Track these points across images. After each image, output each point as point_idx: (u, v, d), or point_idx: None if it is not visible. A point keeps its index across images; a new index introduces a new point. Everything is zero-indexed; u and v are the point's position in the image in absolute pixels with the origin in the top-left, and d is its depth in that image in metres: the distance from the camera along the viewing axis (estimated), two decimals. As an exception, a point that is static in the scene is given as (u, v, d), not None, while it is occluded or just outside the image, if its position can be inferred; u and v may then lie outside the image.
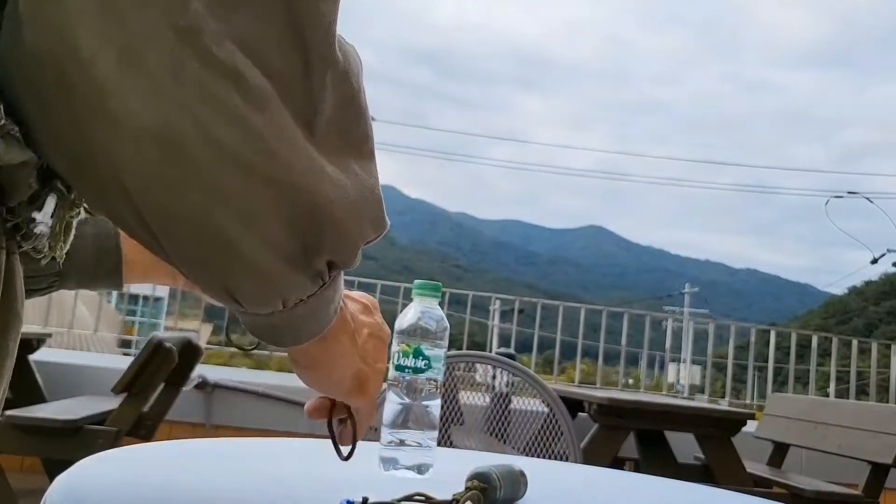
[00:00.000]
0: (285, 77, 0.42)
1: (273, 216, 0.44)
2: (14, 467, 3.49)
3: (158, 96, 0.39)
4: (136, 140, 0.39)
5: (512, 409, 2.55)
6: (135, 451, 0.94)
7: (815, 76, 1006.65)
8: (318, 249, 0.47)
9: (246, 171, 0.41)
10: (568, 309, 6.61)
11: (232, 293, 0.47)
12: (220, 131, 0.40)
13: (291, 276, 0.47)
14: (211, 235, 0.43)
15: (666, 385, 10.73)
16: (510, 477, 0.81)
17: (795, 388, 6.85)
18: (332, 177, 0.46)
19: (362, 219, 0.49)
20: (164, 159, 0.40)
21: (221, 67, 0.39)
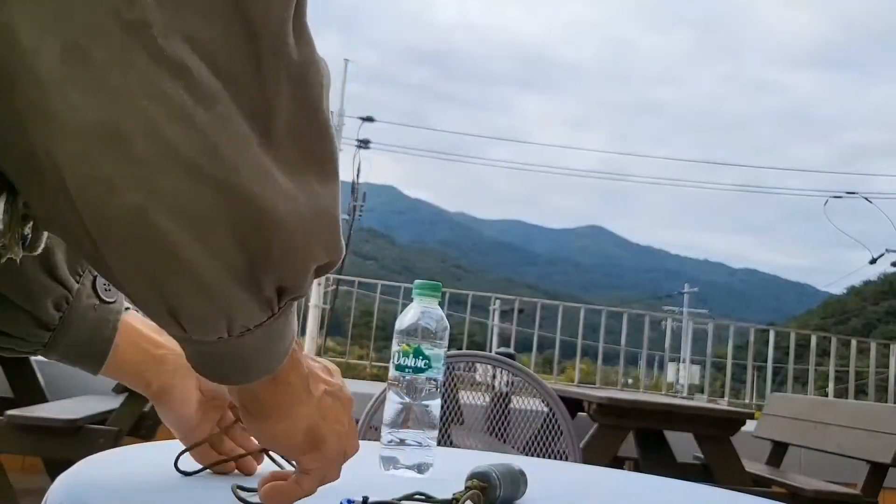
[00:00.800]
0: (236, 75, 0.40)
1: (216, 221, 0.41)
2: (15, 467, 3.49)
3: (103, 91, 0.37)
4: (77, 136, 0.37)
5: (512, 408, 2.56)
6: (135, 451, 0.94)
7: (815, 76, 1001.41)
8: (266, 266, 0.44)
9: (188, 170, 0.39)
10: (567, 309, 6.62)
11: (175, 313, 0.44)
12: (165, 128, 0.38)
13: (237, 294, 0.44)
14: (150, 239, 0.40)
15: (665, 385, 10.74)
16: (510, 476, 0.81)
17: (794, 387, 6.85)
18: (283, 188, 0.43)
19: (314, 238, 0.46)
20: (104, 156, 0.38)
21: (169, 63, 0.37)
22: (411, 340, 0.96)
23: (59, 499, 0.69)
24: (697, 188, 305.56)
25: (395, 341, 0.98)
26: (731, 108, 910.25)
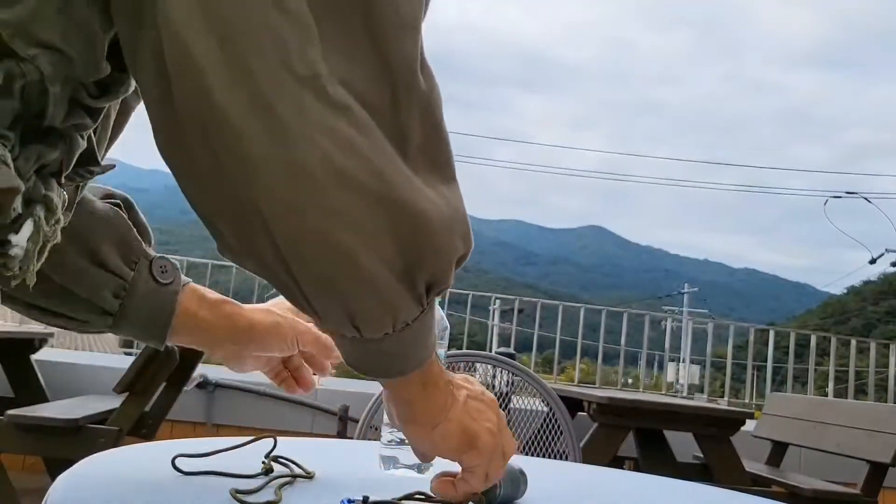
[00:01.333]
0: (379, 106, 0.48)
1: (384, 232, 0.49)
2: (16, 466, 3.50)
3: (287, 134, 0.45)
4: (270, 174, 0.45)
5: (512, 408, 2.56)
6: (136, 451, 0.94)
7: (815, 76, 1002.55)
8: (421, 266, 0.51)
9: (359, 190, 0.47)
10: (567, 309, 6.62)
11: (353, 316, 0.52)
12: (339, 158, 0.46)
13: (401, 293, 0.51)
14: (334, 253, 0.48)
15: (665, 384, 10.74)
16: (510, 476, 0.81)
17: (794, 387, 6.85)
18: (428, 196, 0.51)
19: (454, 234, 0.53)
20: (295, 188, 0.46)
21: (334, 104, 0.46)
22: None
23: (60, 498, 0.69)
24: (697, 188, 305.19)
25: None
26: (732, 108, 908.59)
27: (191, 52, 0.44)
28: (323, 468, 0.88)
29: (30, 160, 0.50)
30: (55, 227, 0.54)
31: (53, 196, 0.53)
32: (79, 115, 0.52)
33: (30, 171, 0.50)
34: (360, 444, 1.17)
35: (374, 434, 1.87)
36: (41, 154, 0.51)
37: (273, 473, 0.83)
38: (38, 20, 0.47)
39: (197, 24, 0.44)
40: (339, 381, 5.17)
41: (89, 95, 0.52)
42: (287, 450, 0.88)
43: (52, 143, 0.52)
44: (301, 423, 4.10)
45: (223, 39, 0.44)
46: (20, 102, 0.48)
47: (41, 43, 0.47)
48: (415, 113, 0.50)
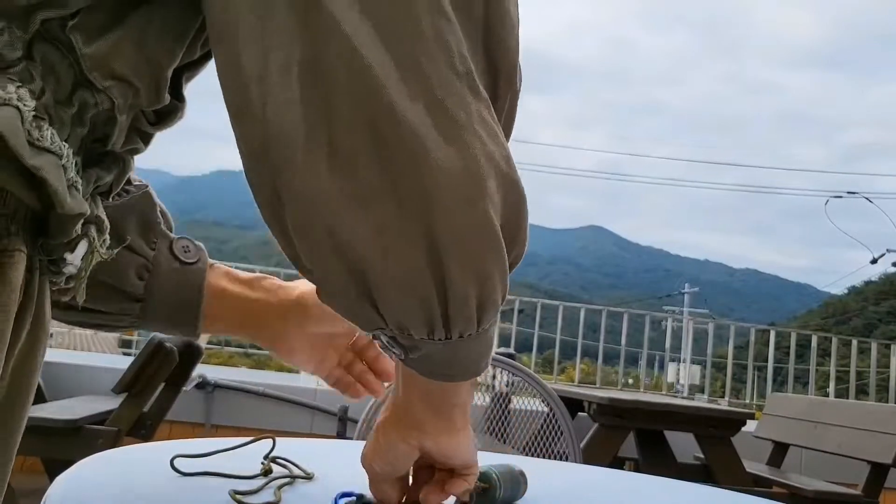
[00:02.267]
0: (491, 97, 0.51)
1: (513, 212, 0.51)
2: (14, 467, 3.47)
3: (457, 128, 0.47)
4: (449, 171, 0.46)
5: (512, 408, 2.56)
6: (135, 451, 0.94)
7: (816, 76, 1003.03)
8: (516, 243, 0.53)
9: (502, 176, 0.49)
10: (568, 309, 6.62)
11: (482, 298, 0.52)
12: (490, 146, 0.48)
13: (503, 277, 0.53)
14: (491, 240, 0.50)
15: (666, 385, 10.74)
16: (510, 476, 0.80)
17: (795, 387, 6.85)
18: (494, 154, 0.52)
19: (526, 211, 0.55)
20: (465, 180, 0.47)
21: (482, 97, 0.48)
22: None
23: (59, 499, 0.69)
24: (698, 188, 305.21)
25: None
26: (732, 108, 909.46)
27: (360, 54, 0.45)
28: (322, 469, 0.88)
29: (90, 182, 0.51)
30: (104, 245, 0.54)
31: (103, 216, 0.54)
32: (135, 140, 0.55)
33: (88, 193, 0.52)
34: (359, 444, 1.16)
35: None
36: (99, 177, 0.52)
37: (272, 474, 0.82)
38: (115, 55, 0.49)
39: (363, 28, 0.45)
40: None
41: (148, 122, 0.55)
42: (286, 450, 0.88)
43: (109, 167, 0.54)
44: (300, 423, 4.10)
45: (392, 44, 0.45)
46: (89, 129, 0.50)
47: (116, 76, 0.49)
48: (507, 101, 0.53)
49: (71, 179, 0.47)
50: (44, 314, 0.50)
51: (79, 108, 0.49)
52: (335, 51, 0.45)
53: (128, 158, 0.56)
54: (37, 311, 0.49)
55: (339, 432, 4.08)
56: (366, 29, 0.45)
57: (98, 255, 0.53)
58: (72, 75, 0.48)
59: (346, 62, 0.44)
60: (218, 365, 5.90)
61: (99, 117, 0.51)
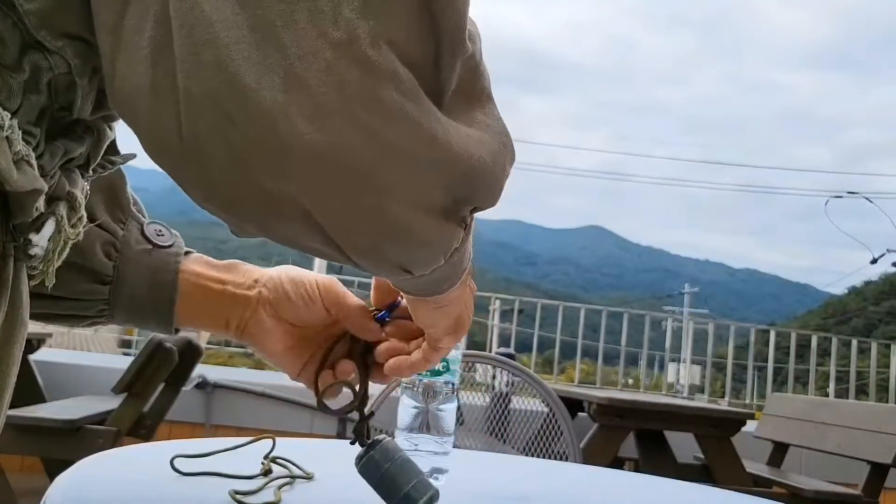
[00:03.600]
0: (422, 65, 0.42)
1: (438, 191, 0.46)
2: (14, 467, 3.49)
3: (328, 113, 0.39)
4: (309, 160, 0.40)
5: (512, 408, 2.55)
6: (135, 451, 0.94)
7: (817, 77, 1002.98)
8: (470, 201, 0.49)
9: (413, 161, 0.43)
10: (568, 309, 6.62)
11: (405, 267, 0.50)
12: (387, 133, 0.41)
13: (451, 231, 0.49)
14: (388, 227, 0.45)
15: (666, 385, 10.74)
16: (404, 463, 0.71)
17: (795, 387, 6.85)
18: (475, 139, 0.47)
19: (504, 163, 0.51)
20: (337, 174, 0.41)
21: (380, 70, 0.40)
22: None
23: (58, 499, 0.69)
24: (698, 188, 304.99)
25: None
26: (733, 108, 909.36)
27: (209, 18, 0.38)
28: (322, 469, 0.88)
29: (56, 156, 0.47)
30: (78, 224, 0.51)
31: (77, 193, 0.51)
32: (107, 105, 0.50)
33: (55, 166, 0.48)
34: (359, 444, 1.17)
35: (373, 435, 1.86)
36: (68, 148, 0.48)
37: (272, 474, 0.82)
38: (63, 9, 0.44)
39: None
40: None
41: None
42: (286, 450, 0.88)
43: (79, 137, 0.49)
44: (300, 423, 4.10)
45: (242, 4, 0.38)
46: (47, 96, 0.46)
47: (67, 34, 0.45)
48: (457, 67, 0.45)
49: (19, 153, 0.43)
50: (20, 302, 0.47)
51: (31, 74, 0.44)
52: (179, 6, 0.39)
53: (102, 127, 0.51)
54: (12, 299, 0.46)
55: (339, 432, 4.07)
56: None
57: (66, 235, 0.50)
58: (18, 36, 0.43)
59: (189, 20, 0.38)
60: (218, 365, 5.89)
61: (58, 82, 0.46)
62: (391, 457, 0.70)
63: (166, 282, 0.69)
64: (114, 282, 0.68)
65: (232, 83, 0.38)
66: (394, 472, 0.69)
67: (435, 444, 0.92)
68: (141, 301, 0.69)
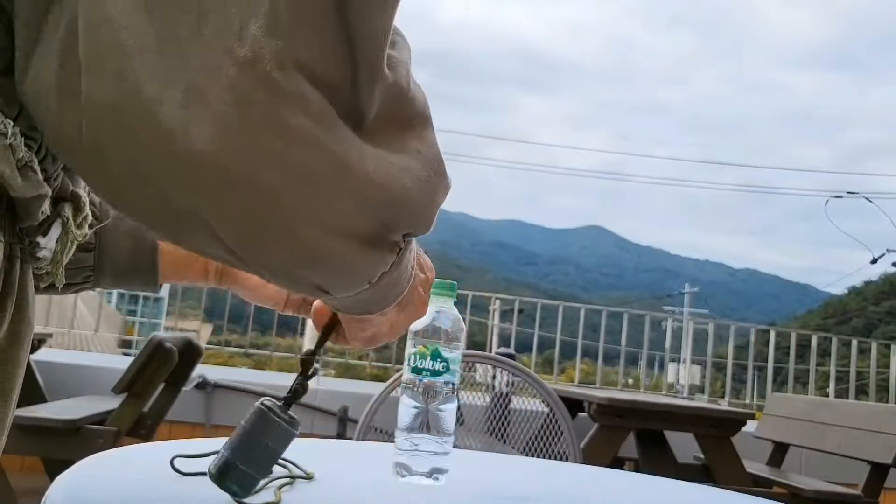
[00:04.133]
0: (337, 86, 0.41)
1: (357, 217, 0.44)
2: (14, 467, 3.49)
3: (228, 133, 0.38)
4: (209, 179, 0.39)
5: (512, 408, 2.55)
6: (135, 451, 0.94)
7: (817, 77, 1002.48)
8: (397, 229, 0.48)
9: (324, 187, 0.41)
10: (568, 309, 6.62)
11: (323, 289, 0.48)
12: (294, 157, 0.39)
13: (374, 258, 0.48)
14: (301, 252, 0.43)
15: (666, 385, 10.74)
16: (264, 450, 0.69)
17: (795, 388, 6.85)
18: (400, 165, 0.46)
19: (435, 192, 0.49)
20: (241, 195, 0.39)
21: (285, 93, 0.38)
22: (428, 342, 0.92)
23: (59, 499, 0.69)
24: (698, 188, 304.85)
25: (409, 343, 0.94)
26: (733, 108, 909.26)
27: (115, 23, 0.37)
28: (322, 469, 0.88)
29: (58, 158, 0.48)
30: (83, 224, 0.52)
31: (81, 192, 0.51)
32: None
33: (58, 168, 0.48)
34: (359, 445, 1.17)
35: (373, 435, 1.87)
36: None
37: (272, 474, 0.82)
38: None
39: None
40: (339, 382, 5.17)
41: None
42: (286, 450, 0.88)
43: None
44: (300, 423, 4.10)
45: (157, 7, 0.37)
46: None
47: None
48: (376, 95, 0.43)
49: (22, 159, 0.43)
50: (27, 304, 0.48)
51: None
52: (86, 8, 0.38)
53: None
54: (18, 300, 0.46)
55: (339, 432, 4.08)
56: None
57: (73, 236, 0.50)
58: (10, 41, 0.42)
59: (96, 23, 0.37)
60: (218, 365, 5.89)
61: None
62: (277, 442, 0.69)
63: (146, 241, 0.72)
64: (97, 248, 0.70)
65: (133, 94, 0.37)
66: (260, 450, 0.68)
67: (435, 444, 0.92)
68: (125, 263, 0.71)
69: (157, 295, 0.81)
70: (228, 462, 0.67)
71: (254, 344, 6.40)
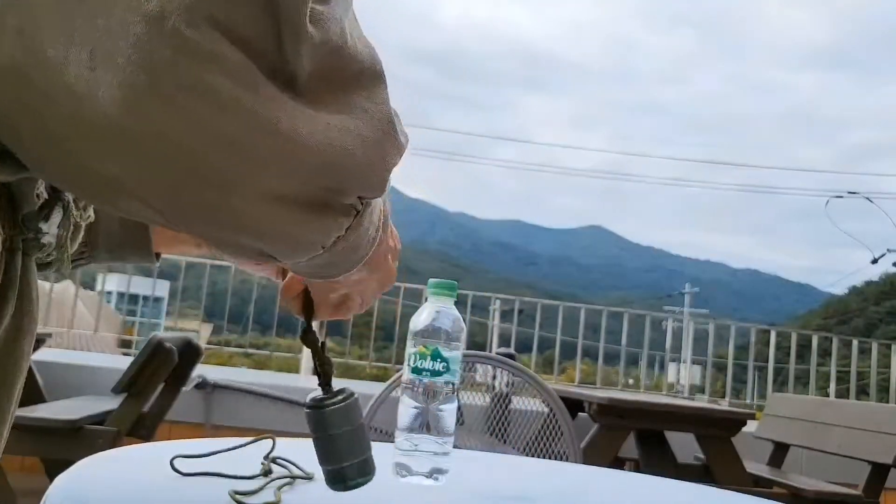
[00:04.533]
0: (258, 42, 0.38)
1: (291, 184, 0.41)
2: (14, 467, 3.49)
3: (138, 96, 0.35)
4: (123, 145, 0.36)
5: (512, 409, 2.55)
6: (134, 452, 0.94)
7: (818, 77, 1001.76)
8: (345, 192, 0.45)
9: (252, 153, 0.39)
10: (568, 309, 6.62)
11: (268, 254, 0.46)
12: (212, 120, 0.37)
13: (323, 223, 0.45)
14: (233, 219, 0.41)
15: (666, 385, 10.74)
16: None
17: (795, 388, 6.85)
18: (341, 126, 0.43)
19: (384, 152, 0.46)
20: (159, 161, 0.37)
21: (198, 51, 0.35)
22: (428, 342, 0.92)
23: (58, 499, 0.69)
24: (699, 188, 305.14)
25: (409, 343, 0.94)
26: (734, 108, 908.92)
27: None
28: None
29: None
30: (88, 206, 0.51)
31: None
32: None
33: None
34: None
35: (373, 435, 1.87)
36: None
37: (272, 474, 0.82)
38: None
39: None
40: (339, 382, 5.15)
41: None
42: (286, 451, 0.88)
43: None
44: (300, 423, 4.08)
45: None
46: None
47: None
48: (304, 48, 0.40)
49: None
50: (30, 297, 0.47)
51: None
52: None
53: None
54: (21, 294, 0.45)
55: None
56: None
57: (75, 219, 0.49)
58: None
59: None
60: (218, 365, 5.89)
61: None
62: (350, 419, 0.65)
63: None
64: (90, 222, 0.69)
65: (36, 54, 0.34)
66: (344, 439, 0.65)
67: (435, 444, 0.92)
68: (118, 236, 0.70)
69: (157, 295, 0.81)
70: (336, 471, 0.65)
71: (253, 344, 6.40)
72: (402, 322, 5.81)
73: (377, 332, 6.27)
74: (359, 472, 0.64)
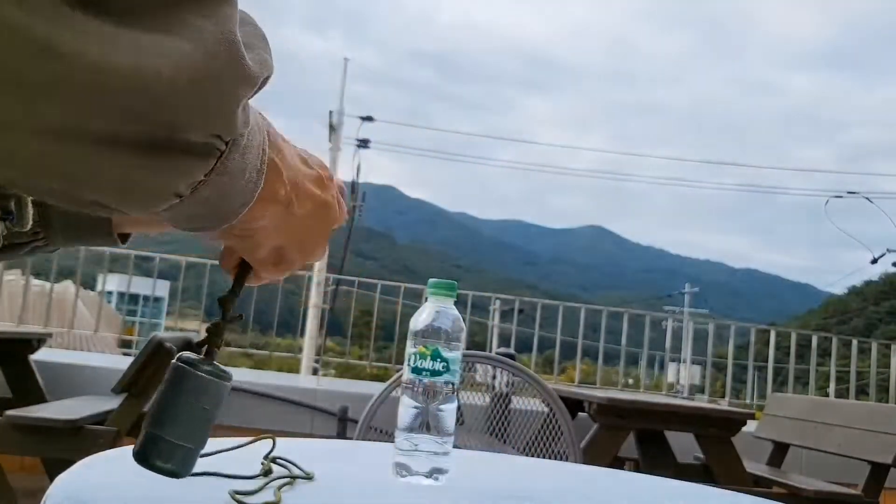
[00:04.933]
0: None
1: (100, 120, 0.36)
2: (14, 467, 3.49)
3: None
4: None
5: (512, 408, 2.55)
6: (135, 451, 0.94)
7: (818, 77, 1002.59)
8: (180, 129, 0.39)
9: (37, 85, 0.34)
10: (568, 309, 6.62)
11: (103, 205, 0.41)
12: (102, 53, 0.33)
13: (165, 167, 0.40)
14: (34, 164, 0.37)
15: (666, 385, 10.74)
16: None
17: (795, 387, 6.85)
18: (152, 47, 0.36)
19: (222, 79, 0.40)
20: None
21: None
22: (428, 342, 0.93)
23: (58, 499, 0.69)
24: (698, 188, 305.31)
25: (409, 343, 0.94)
26: (734, 109, 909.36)
27: None
28: (322, 469, 0.88)
29: None
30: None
31: None
32: None
33: None
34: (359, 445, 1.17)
35: (373, 435, 1.87)
36: None
37: (272, 474, 0.82)
38: None
39: None
40: (339, 382, 5.17)
41: None
42: (286, 451, 0.88)
43: None
44: (300, 423, 4.10)
45: None
46: None
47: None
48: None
49: None
50: None
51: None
52: None
53: None
54: None
55: (339, 432, 4.07)
56: None
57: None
58: None
59: None
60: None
61: None
62: (210, 400, 0.57)
63: None
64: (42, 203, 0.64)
65: None
66: (188, 414, 0.56)
67: (435, 444, 0.92)
68: (74, 216, 0.65)
69: (157, 294, 0.80)
70: (152, 436, 0.54)
71: (254, 344, 6.41)
72: (402, 322, 5.82)
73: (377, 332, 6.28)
74: (172, 457, 0.55)
